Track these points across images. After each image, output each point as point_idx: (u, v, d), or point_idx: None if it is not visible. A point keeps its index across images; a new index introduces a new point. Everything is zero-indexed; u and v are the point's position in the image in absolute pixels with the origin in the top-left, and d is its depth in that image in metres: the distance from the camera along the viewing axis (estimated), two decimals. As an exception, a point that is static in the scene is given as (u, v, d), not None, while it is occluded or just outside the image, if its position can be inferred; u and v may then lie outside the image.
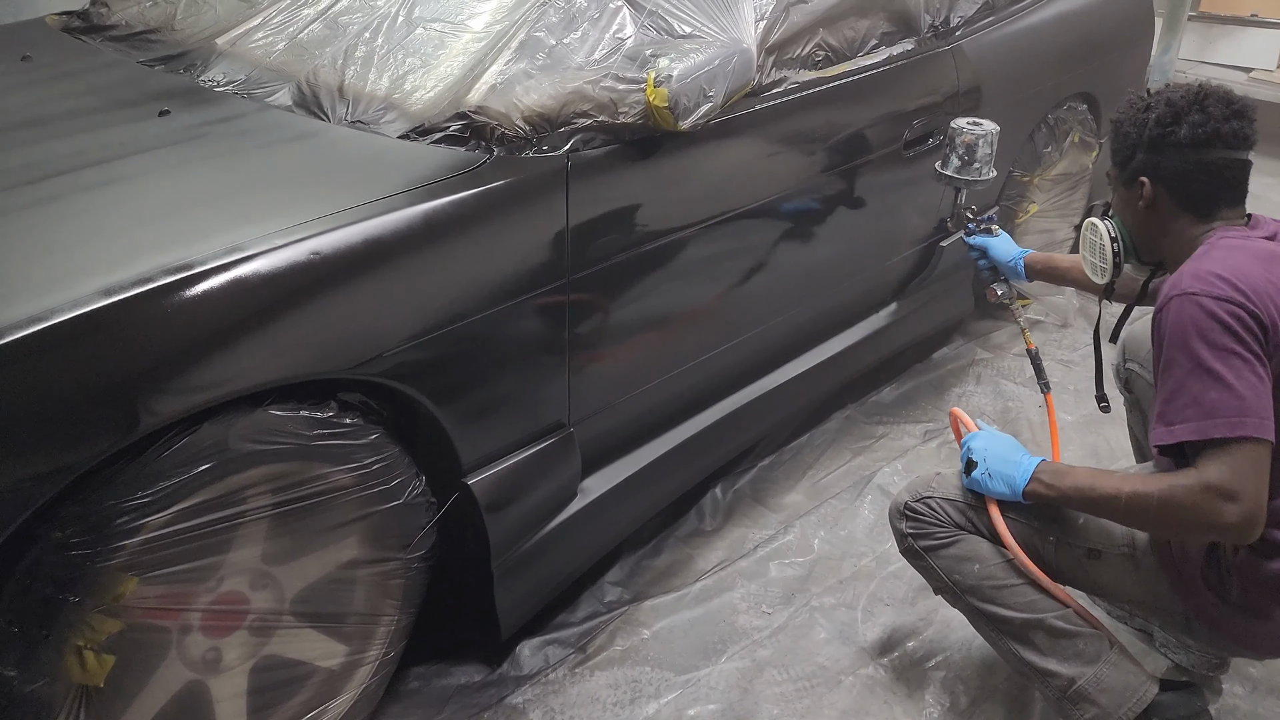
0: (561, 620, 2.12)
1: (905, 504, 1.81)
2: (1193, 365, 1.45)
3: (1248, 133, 1.63)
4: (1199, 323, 1.45)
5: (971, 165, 2.38)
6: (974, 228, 2.44)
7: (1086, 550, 1.72)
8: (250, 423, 1.42)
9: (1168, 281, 1.54)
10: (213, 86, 1.97)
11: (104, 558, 1.31)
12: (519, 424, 1.83)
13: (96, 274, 1.31)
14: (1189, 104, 1.62)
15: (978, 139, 2.36)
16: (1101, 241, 1.79)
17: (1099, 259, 1.81)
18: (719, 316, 2.24)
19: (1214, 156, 1.61)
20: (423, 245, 1.58)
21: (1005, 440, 1.75)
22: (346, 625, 1.68)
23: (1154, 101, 1.67)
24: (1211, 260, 1.52)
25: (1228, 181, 1.63)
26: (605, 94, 1.81)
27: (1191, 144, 1.61)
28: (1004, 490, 1.69)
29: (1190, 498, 1.42)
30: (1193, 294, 1.47)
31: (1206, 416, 1.42)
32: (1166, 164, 1.64)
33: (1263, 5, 5.55)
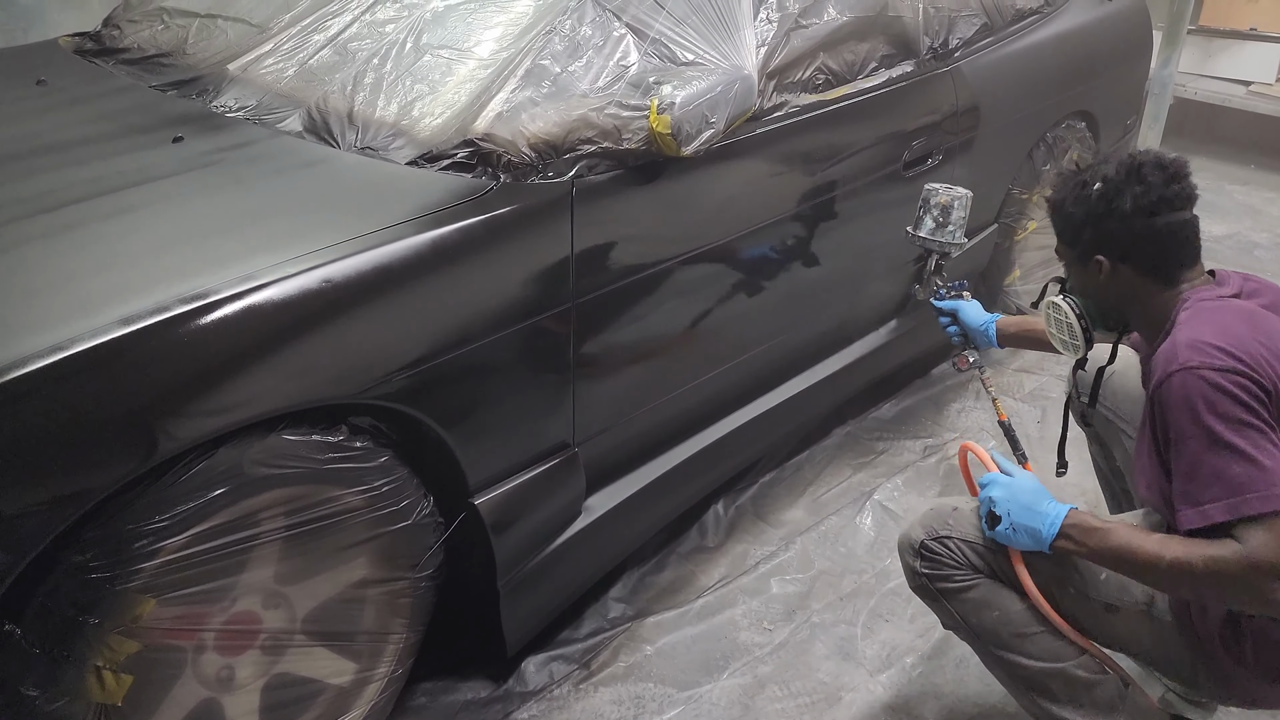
0: (566, 636, 2.16)
1: (921, 542, 1.73)
2: (1208, 441, 1.43)
3: (1189, 192, 1.64)
4: (1206, 396, 1.44)
5: (946, 228, 2.31)
6: (944, 293, 2.37)
7: (1105, 605, 1.68)
8: (264, 447, 1.45)
9: (1160, 354, 1.53)
10: (225, 112, 2.01)
11: (123, 580, 1.34)
12: (524, 445, 1.87)
13: (115, 303, 1.35)
14: (1127, 176, 1.63)
15: (953, 201, 2.30)
16: (1069, 321, 1.77)
17: (1069, 337, 1.79)
18: (721, 336, 2.27)
19: (1162, 222, 1.61)
20: (431, 271, 1.62)
21: (1027, 485, 1.65)
22: (356, 643, 1.71)
23: (1090, 178, 1.68)
24: (1200, 328, 1.52)
25: (1181, 242, 1.64)
26: (609, 121, 1.85)
27: (1137, 214, 1.61)
28: (1029, 544, 1.62)
29: (1238, 572, 1.39)
30: (1193, 367, 1.46)
31: (1236, 493, 1.41)
32: (1118, 238, 1.64)
33: (1262, 19, 5.58)
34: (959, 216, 2.31)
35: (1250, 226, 4.77)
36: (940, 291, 2.37)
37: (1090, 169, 1.70)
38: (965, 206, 2.32)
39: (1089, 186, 1.67)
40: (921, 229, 2.33)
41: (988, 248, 3.16)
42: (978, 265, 3.18)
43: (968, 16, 2.86)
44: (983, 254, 3.15)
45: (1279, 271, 4.25)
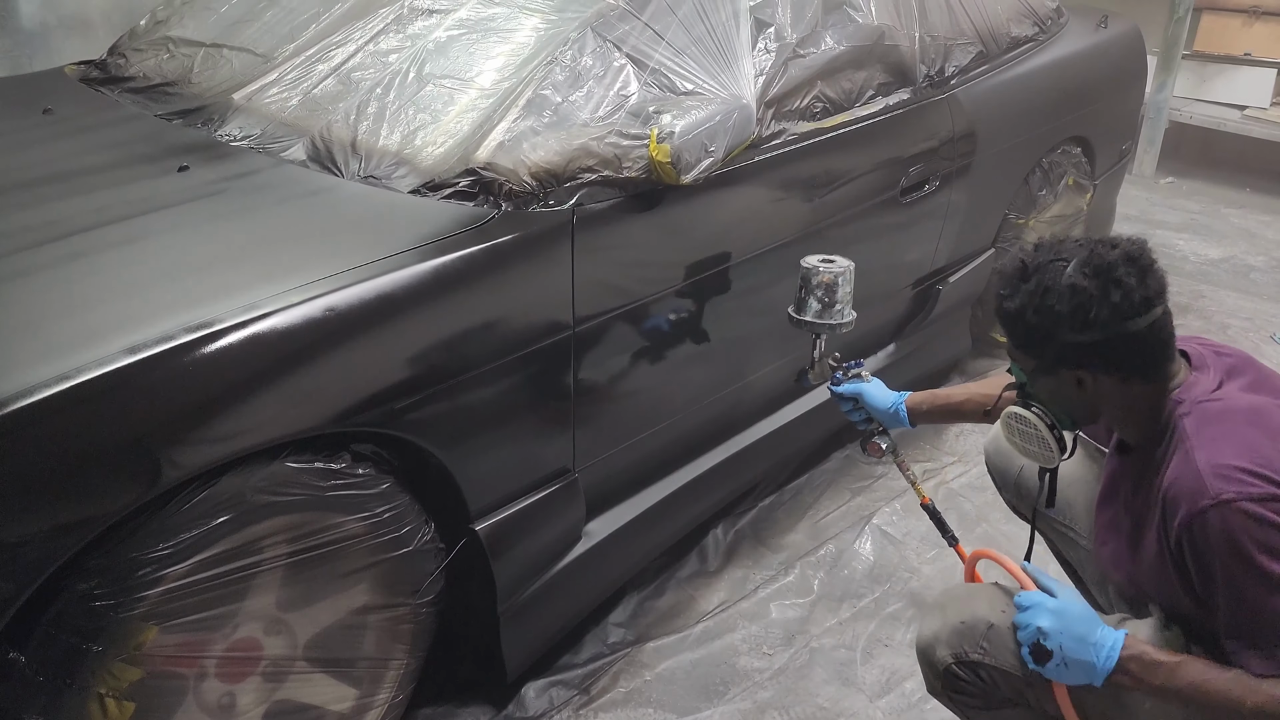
0: (566, 662, 2.16)
1: (950, 661, 1.57)
2: (1266, 584, 1.32)
3: (1161, 282, 1.46)
4: (1253, 535, 1.32)
5: (833, 308, 2.06)
6: (841, 376, 2.13)
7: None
8: (267, 475, 1.47)
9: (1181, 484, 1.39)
10: (229, 141, 2.03)
11: (126, 608, 1.35)
12: (525, 471, 1.88)
13: (120, 331, 1.37)
14: (1102, 284, 1.43)
15: (836, 277, 2.04)
16: (1037, 433, 1.58)
17: (1039, 448, 1.60)
18: (720, 362, 2.29)
19: (1142, 324, 1.43)
20: (433, 299, 1.63)
21: (1077, 611, 1.46)
22: (357, 669, 1.72)
23: (1051, 283, 1.46)
24: (1219, 448, 1.38)
25: (1165, 340, 1.47)
26: (610, 150, 1.88)
27: (1117, 322, 1.43)
28: (1081, 679, 1.44)
29: None
30: (1230, 500, 1.33)
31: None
32: (1097, 351, 1.45)
33: (1256, 44, 5.64)
34: (845, 292, 2.06)
35: (1246, 250, 4.80)
36: (837, 375, 2.14)
37: (1045, 269, 1.48)
38: (850, 280, 2.07)
39: (1052, 295, 1.45)
40: (806, 312, 2.07)
41: (985, 273, 3.18)
42: (974, 291, 3.20)
43: (963, 45, 2.90)
44: (980, 279, 3.17)
45: (1275, 294, 4.28)
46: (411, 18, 2.17)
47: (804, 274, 2.06)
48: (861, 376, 2.12)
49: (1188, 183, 5.81)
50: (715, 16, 2.15)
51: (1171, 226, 5.05)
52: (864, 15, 2.52)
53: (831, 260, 2.07)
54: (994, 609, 1.58)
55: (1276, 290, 4.35)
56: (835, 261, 2.06)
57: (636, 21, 2.05)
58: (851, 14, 2.49)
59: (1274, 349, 3.76)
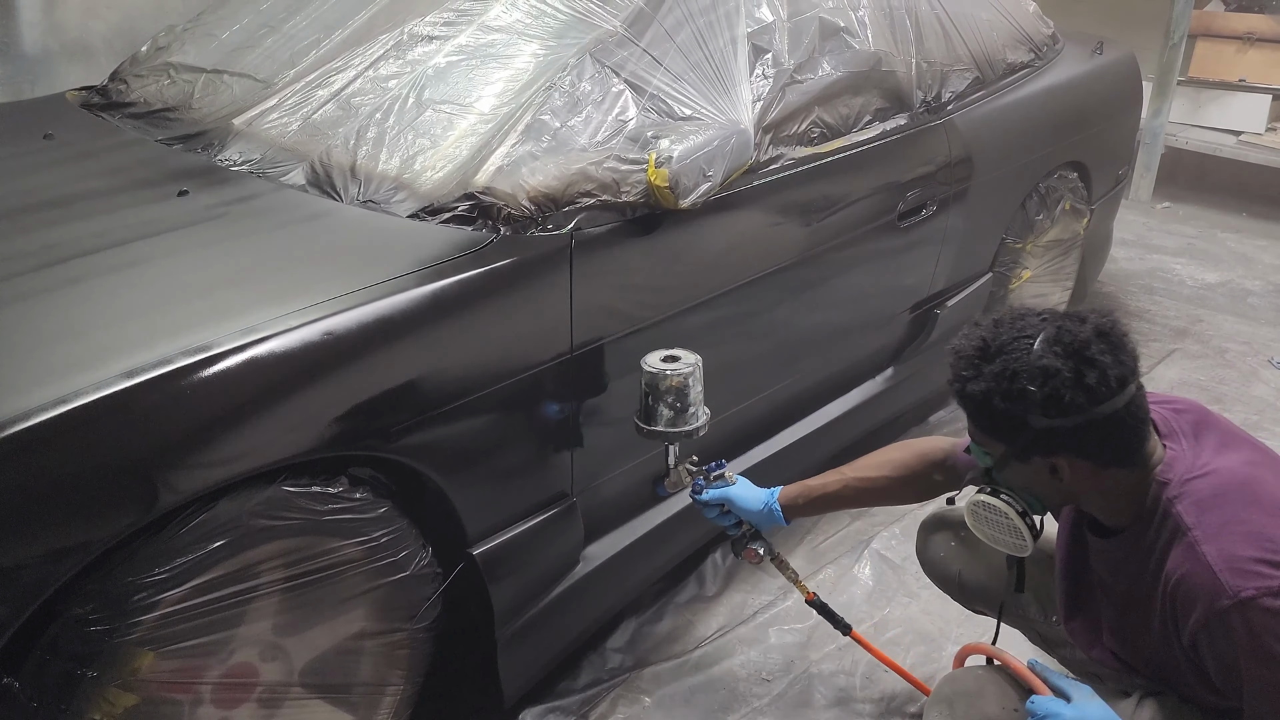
0: (564, 687, 2.15)
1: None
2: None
3: (1135, 355, 1.40)
4: (1272, 628, 1.27)
5: (686, 411, 1.85)
6: (703, 483, 1.97)
7: None
8: (264, 499, 1.46)
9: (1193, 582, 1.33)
10: (229, 166, 2.04)
11: (122, 633, 1.34)
12: (523, 495, 1.88)
13: (118, 355, 1.37)
14: (1076, 366, 1.35)
15: (685, 379, 1.84)
16: (1012, 523, 1.50)
17: (1014, 537, 1.52)
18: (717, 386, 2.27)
19: (1120, 406, 1.36)
20: (431, 323, 1.64)
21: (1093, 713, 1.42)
22: (354, 695, 1.71)
23: (1019, 366, 1.37)
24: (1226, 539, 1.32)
25: (1140, 418, 1.40)
26: (608, 174, 1.89)
27: (1094, 405, 1.35)
28: None
29: None
30: (1250, 599, 1.27)
31: None
32: (1073, 436, 1.37)
33: (1251, 70, 5.68)
34: (696, 392, 1.87)
35: (1243, 274, 4.81)
36: (698, 483, 1.97)
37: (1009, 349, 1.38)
38: (699, 378, 1.87)
39: (1021, 378, 1.36)
40: (658, 421, 1.86)
41: (982, 297, 3.19)
42: (972, 315, 3.20)
43: (960, 71, 2.92)
44: (977, 304, 3.18)
45: (1273, 319, 4.29)
46: (411, 44, 2.18)
47: (648, 379, 1.85)
48: (725, 478, 1.97)
49: (1184, 207, 5.83)
50: (713, 42, 2.17)
51: (1168, 251, 5.07)
52: (861, 41, 2.53)
53: (675, 358, 1.86)
54: (1004, 709, 1.50)
55: (1274, 314, 4.36)
56: (680, 359, 1.86)
57: (635, 47, 2.07)
58: (848, 40, 2.50)
59: (1272, 373, 3.77)
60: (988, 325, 1.45)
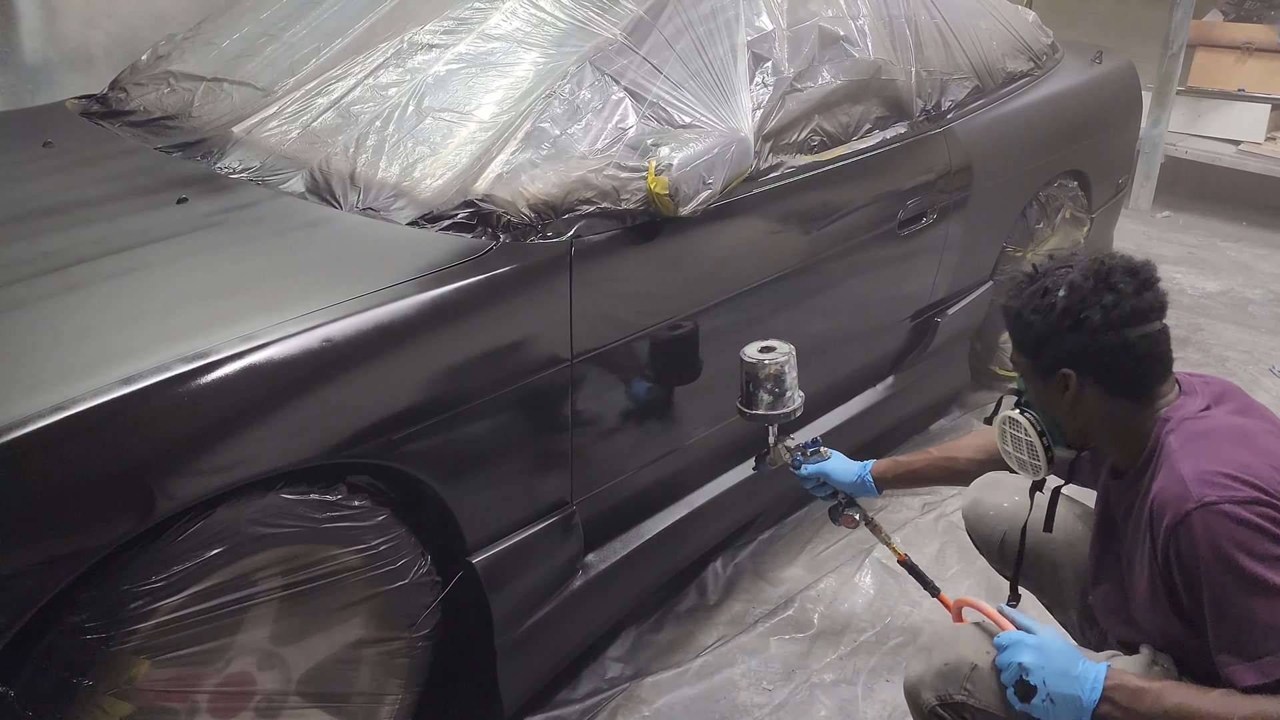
0: (563, 697, 2.14)
1: (932, 708, 1.57)
2: (1249, 587, 1.31)
3: (1161, 299, 1.51)
4: (1234, 536, 1.31)
5: (783, 396, 2.03)
6: (801, 459, 2.13)
7: None
8: (262, 506, 1.45)
9: (1165, 493, 1.40)
10: (229, 174, 2.04)
11: (118, 641, 1.34)
12: (522, 503, 1.87)
13: (116, 362, 1.36)
14: (1097, 285, 1.49)
15: (781, 367, 2.02)
16: (1029, 439, 1.62)
17: (1029, 456, 1.64)
18: (718, 394, 2.28)
19: (1135, 335, 1.47)
20: (431, 331, 1.63)
21: (1059, 646, 1.46)
22: (352, 704, 1.69)
23: (1052, 285, 1.52)
24: (1201, 457, 1.39)
25: (1156, 356, 1.50)
26: (608, 182, 1.88)
27: (1108, 327, 1.47)
28: (1068, 717, 1.41)
29: None
30: (1212, 503, 1.33)
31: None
32: (1086, 353, 1.49)
33: (1250, 80, 5.68)
34: (791, 379, 2.04)
35: (1243, 283, 4.81)
36: (796, 458, 2.13)
37: (1051, 273, 1.54)
38: (794, 365, 2.04)
39: (1051, 294, 1.51)
40: (759, 406, 2.04)
41: (983, 305, 3.19)
42: (973, 323, 3.20)
43: (959, 79, 2.92)
44: (978, 312, 3.18)
45: (1273, 327, 4.28)
46: (411, 52, 2.18)
47: (748, 369, 2.03)
48: (821, 454, 2.13)
49: (1184, 216, 5.83)
50: (713, 50, 2.17)
51: (1169, 260, 5.07)
52: (860, 50, 2.53)
53: (772, 348, 2.04)
54: (978, 650, 1.57)
55: (1274, 323, 4.35)
56: (776, 349, 2.04)
57: (634, 55, 2.07)
58: (848, 48, 2.50)
59: (1273, 381, 3.76)
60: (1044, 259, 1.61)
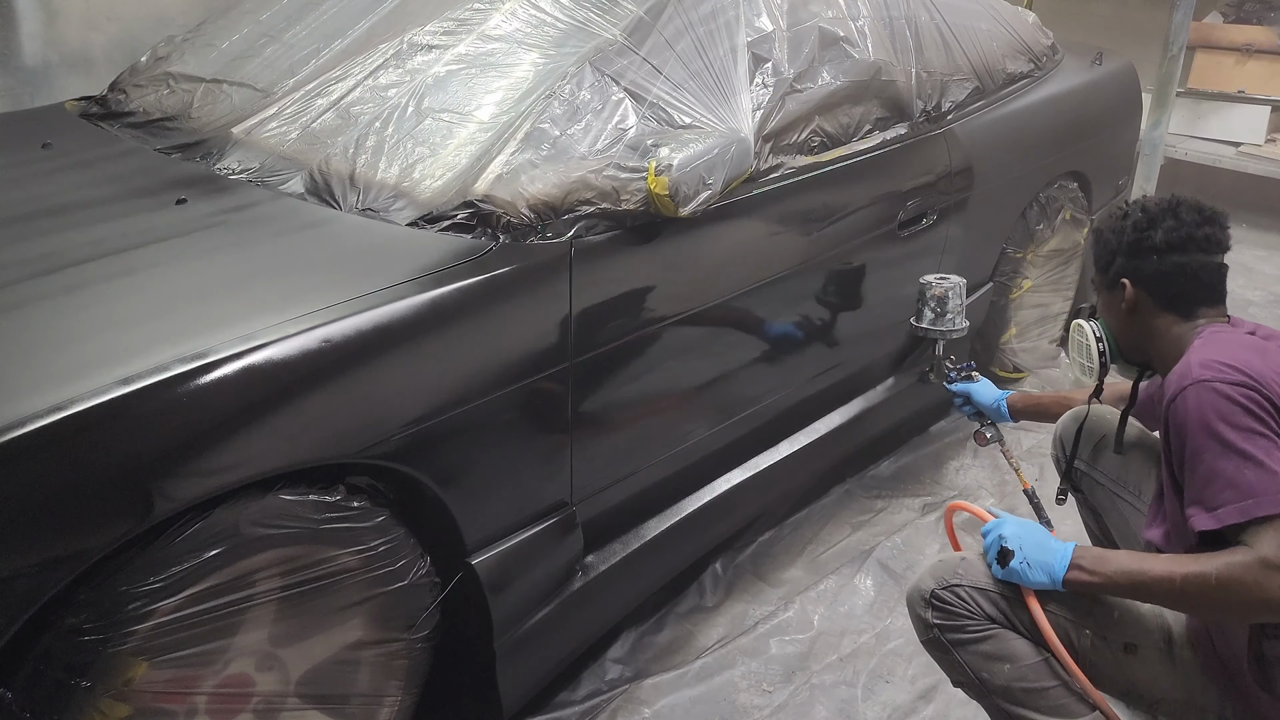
0: (563, 699, 2.13)
1: (931, 592, 1.69)
2: (1221, 449, 1.47)
3: (1220, 238, 1.72)
4: (1218, 407, 1.48)
5: (945, 317, 2.48)
6: (955, 375, 2.49)
7: (1123, 645, 1.66)
8: (261, 507, 1.45)
9: (1173, 374, 1.58)
10: (228, 174, 2.03)
11: (115, 643, 1.33)
12: (522, 504, 1.86)
13: (115, 363, 1.36)
14: (1163, 211, 1.73)
15: (947, 291, 2.48)
16: (1088, 342, 1.86)
17: (1086, 359, 1.88)
18: (718, 395, 2.28)
19: (1189, 259, 1.70)
20: (430, 331, 1.63)
21: (1033, 526, 1.66)
22: (350, 706, 1.69)
23: (1131, 210, 1.78)
24: (1212, 350, 1.57)
25: (1204, 283, 1.71)
26: (608, 182, 1.88)
27: (1167, 248, 1.71)
28: (1043, 580, 1.59)
29: (1252, 575, 1.40)
30: (1205, 381, 1.51)
31: (1249, 496, 1.44)
32: (1144, 267, 1.73)
33: (1250, 82, 5.68)
34: (955, 304, 2.49)
35: (1243, 285, 4.80)
36: (951, 375, 2.49)
37: (1135, 202, 1.80)
38: (960, 294, 2.50)
39: (1127, 217, 1.77)
40: (923, 320, 2.52)
41: (983, 306, 3.18)
42: (974, 323, 3.19)
43: (959, 80, 2.92)
44: (979, 312, 3.17)
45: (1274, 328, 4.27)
46: (410, 53, 2.18)
47: (920, 288, 2.52)
48: (971, 377, 2.47)
49: (1184, 218, 5.81)
50: (713, 51, 2.16)
51: (1169, 262, 5.06)
52: (860, 51, 2.53)
53: (945, 278, 2.51)
54: (968, 552, 1.76)
55: (1275, 324, 4.31)
56: (948, 278, 2.51)
57: (634, 56, 2.06)
58: (848, 49, 2.50)
59: (1274, 383, 3.75)
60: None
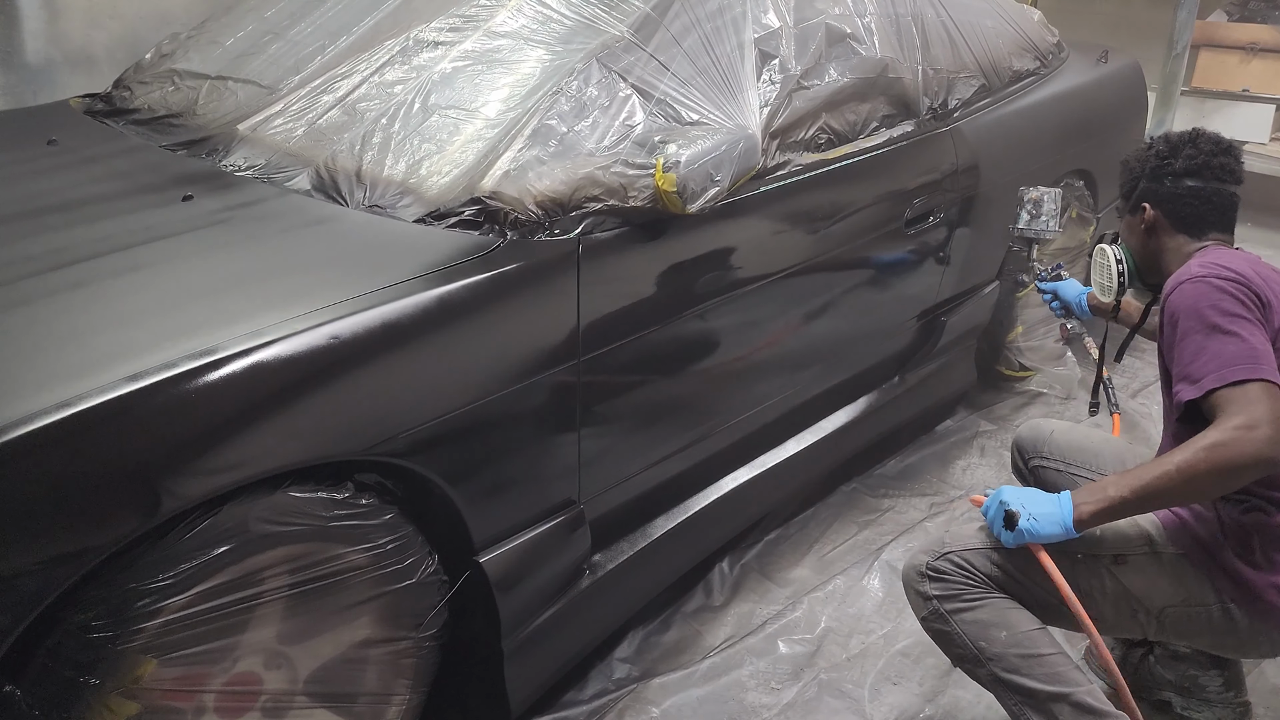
0: (570, 698, 2.12)
1: (926, 564, 1.75)
2: (1208, 329, 1.62)
3: (1234, 168, 1.88)
4: (1209, 296, 1.64)
5: (1039, 219, 2.70)
6: (1046, 274, 2.66)
7: (1112, 558, 1.75)
8: (270, 504, 1.44)
9: (1172, 278, 1.74)
10: (234, 171, 2.03)
11: (124, 640, 1.32)
12: (530, 502, 1.86)
13: (122, 359, 1.35)
14: (1184, 141, 1.90)
15: (1043, 196, 2.69)
16: (1108, 263, 2.02)
17: (1106, 279, 2.04)
18: (726, 393, 2.27)
19: (1205, 185, 1.86)
20: (438, 328, 1.62)
21: (1028, 489, 1.72)
22: (359, 705, 1.68)
23: (1156, 141, 1.95)
24: (1209, 257, 1.75)
25: (1216, 207, 1.87)
26: (615, 179, 1.87)
27: (1185, 173, 1.86)
28: (1056, 531, 1.63)
29: (1228, 438, 1.52)
30: (1200, 276, 1.67)
31: (1227, 365, 1.58)
32: (1163, 190, 1.89)
33: (1254, 81, 5.67)
34: (1050, 209, 2.70)
35: (1249, 284, 4.78)
36: (1043, 273, 2.67)
37: (1159, 135, 1.96)
38: (1056, 200, 2.71)
39: (1152, 147, 1.94)
40: (1019, 223, 2.72)
41: (989, 304, 3.17)
42: (980, 322, 3.19)
43: (966, 78, 2.91)
44: (984, 310, 3.16)
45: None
46: (417, 49, 2.18)
47: (1020, 194, 2.73)
48: (1059, 276, 2.64)
49: (1188, 218, 5.80)
50: (720, 48, 2.16)
51: (1173, 261, 5.04)
52: (867, 48, 2.52)
53: (1041, 187, 2.73)
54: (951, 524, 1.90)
55: None
56: (1044, 188, 2.73)
57: (641, 52, 2.06)
58: (855, 46, 2.49)
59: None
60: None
